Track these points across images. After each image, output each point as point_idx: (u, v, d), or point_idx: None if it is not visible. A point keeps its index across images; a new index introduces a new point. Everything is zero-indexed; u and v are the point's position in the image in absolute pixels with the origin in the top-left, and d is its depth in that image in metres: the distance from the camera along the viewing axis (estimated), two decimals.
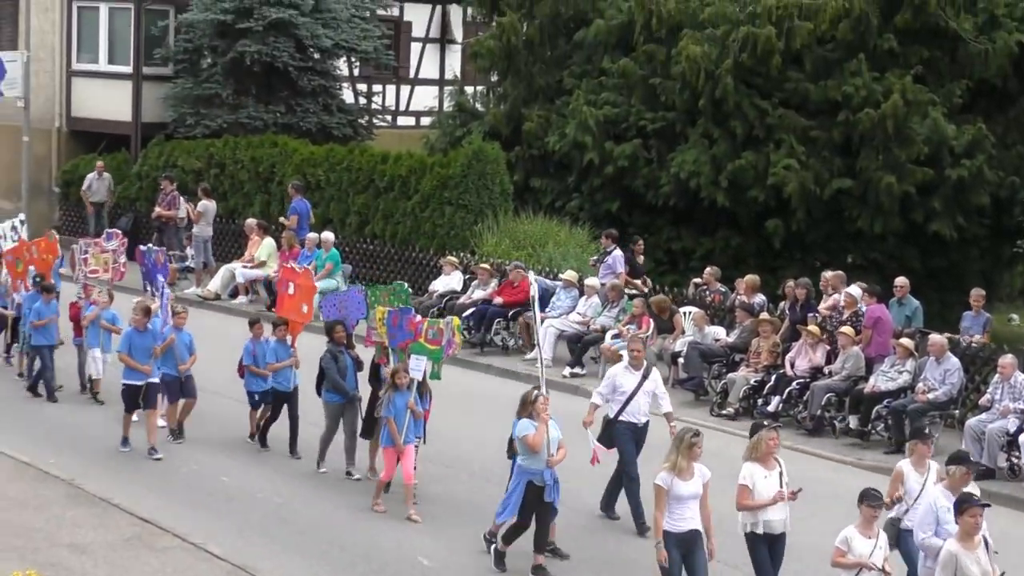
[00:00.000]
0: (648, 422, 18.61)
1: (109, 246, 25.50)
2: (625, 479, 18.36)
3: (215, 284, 33.79)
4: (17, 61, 40.17)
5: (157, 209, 36.26)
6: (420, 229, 33.53)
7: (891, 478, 15.91)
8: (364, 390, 20.23)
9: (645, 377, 18.53)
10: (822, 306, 25.57)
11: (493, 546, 16.96)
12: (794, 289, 25.77)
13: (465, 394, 24.71)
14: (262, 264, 33.12)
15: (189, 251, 35.20)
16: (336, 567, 16.82)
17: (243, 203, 37.26)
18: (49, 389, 24.18)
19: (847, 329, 23.86)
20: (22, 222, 28.46)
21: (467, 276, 30.61)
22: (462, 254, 31.70)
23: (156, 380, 21.22)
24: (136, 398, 21.01)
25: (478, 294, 29.53)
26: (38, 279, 25.20)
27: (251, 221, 34.46)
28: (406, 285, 21.77)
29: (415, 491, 18.64)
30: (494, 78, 40.06)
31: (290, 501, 19.12)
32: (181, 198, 35.91)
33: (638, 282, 29.88)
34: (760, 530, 14.90)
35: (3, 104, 41.12)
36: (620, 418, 18.41)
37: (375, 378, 19.94)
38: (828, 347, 24.24)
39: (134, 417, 21.32)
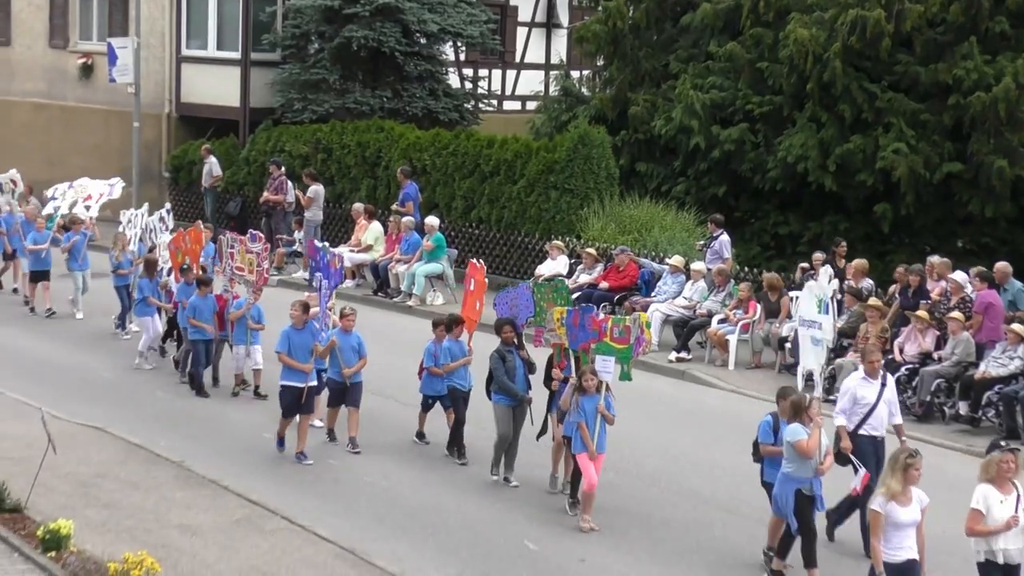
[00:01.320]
0: (884, 439, 17.30)
1: (253, 247, 24.55)
2: (862, 500, 16.60)
3: None
4: (128, 48, 40.61)
5: (265, 194, 36.56)
6: (526, 213, 33.53)
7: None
8: (541, 392, 19.45)
9: (884, 385, 17.41)
10: (931, 292, 25.30)
11: (771, 559, 16.45)
12: (907, 275, 25.50)
13: None
14: (369, 248, 33.32)
15: (297, 235, 35.40)
16: (442, 550, 16.88)
17: (350, 188, 37.46)
18: (198, 383, 23.75)
19: (957, 314, 23.59)
20: (168, 212, 28.57)
21: (573, 260, 30.59)
22: (568, 238, 31.66)
23: (315, 383, 20.49)
24: (296, 401, 20.14)
25: (584, 278, 29.52)
26: (183, 268, 25.20)
27: (358, 205, 34.63)
28: (565, 281, 21.49)
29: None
30: (600, 62, 39.98)
31: (396, 484, 19.20)
32: (289, 183, 36.16)
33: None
34: (1000, 559, 13.81)
35: (114, 90, 41.64)
36: (860, 432, 17.19)
37: (551, 379, 19.17)
38: (937, 333, 23.99)
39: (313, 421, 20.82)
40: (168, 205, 29.41)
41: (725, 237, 29.92)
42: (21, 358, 26.13)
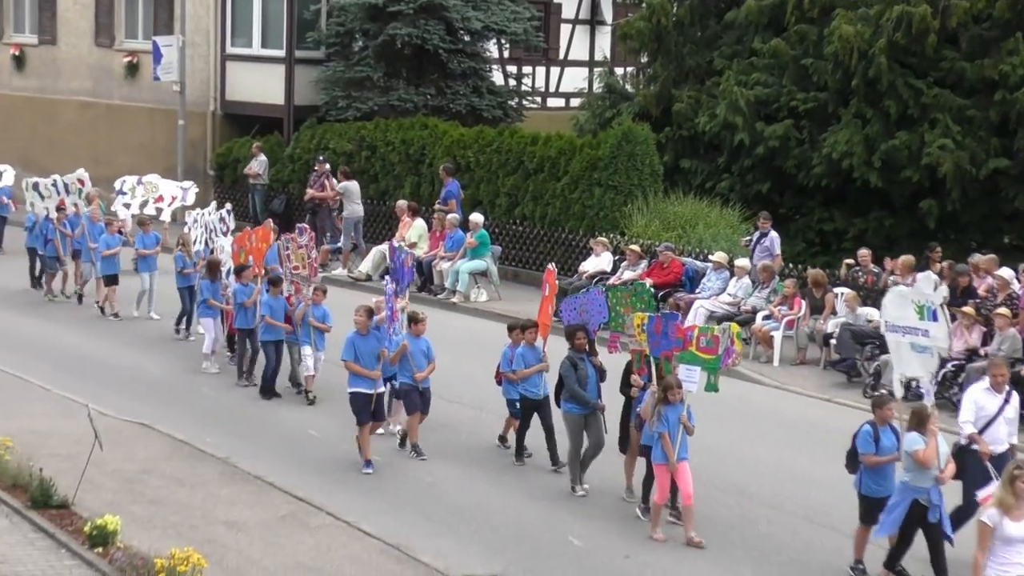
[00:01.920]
0: (1007, 452, 16.58)
1: (301, 240, 24.45)
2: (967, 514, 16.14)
3: (366, 265, 34.10)
4: (173, 46, 40.79)
5: (310, 191, 36.67)
6: (569, 210, 33.51)
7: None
8: (615, 400, 18.93)
9: (1007, 401, 16.78)
10: (978, 288, 25.18)
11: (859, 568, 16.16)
12: (952, 273, 25.36)
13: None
14: (413, 245, 33.34)
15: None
16: (487, 547, 16.89)
17: (393, 185, 37.52)
18: (266, 386, 23.42)
19: (1004, 310, 23.45)
20: (229, 212, 28.41)
21: (616, 257, 30.57)
22: (612, 235, 31.64)
23: (383, 389, 20.12)
24: (367, 407, 19.60)
25: (627, 275, 29.47)
26: (238, 268, 24.83)
27: (402, 203, 34.68)
28: (647, 284, 21.14)
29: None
30: (644, 59, 39.91)
31: (441, 481, 19.22)
32: (333, 179, 36.25)
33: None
34: None
35: (159, 88, 41.82)
36: (973, 445, 16.62)
37: (628, 386, 18.62)
38: (984, 329, 23.87)
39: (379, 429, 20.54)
40: (229, 205, 29.15)
41: (774, 234, 29.84)
42: (69, 355, 26.29)
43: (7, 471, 17.55)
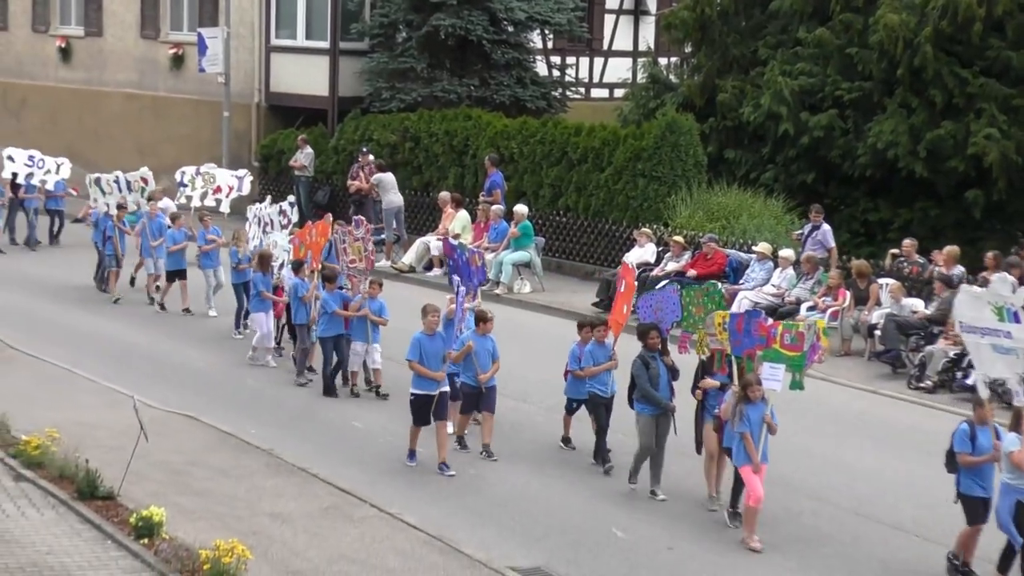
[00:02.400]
0: None
1: (357, 233, 24.23)
2: None
3: (410, 257, 34.15)
4: (218, 38, 40.91)
5: (353, 183, 36.76)
6: (613, 201, 33.47)
7: None
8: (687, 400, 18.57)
9: None
10: None
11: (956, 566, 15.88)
12: (1006, 266, 25.19)
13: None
14: (457, 237, 33.35)
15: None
16: (529, 538, 16.92)
17: (437, 176, 37.55)
18: (327, 384, 23.11)
19: None
20: (292, 204, 28.31)
21: (660, 248, 30.52)
22: (655, 226, 31.59)
23: (447, 389, 19.60)
24: (427, 410, 19.27)
25: (671, 266, 29.44)
26: (295, 264, 24.57)
27: (444, 194, 34.72)
28: (719, 285, 20.79)
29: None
30: (688, 49, 39.80)
31: (484, 472, 19.25)
32: (362, 169, 36.34)
33: None
34: None
35: (204, 80, 41.96)
36: None
37: (698, 386, 18.24)
38: None
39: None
40: (291, 198, 29.02)
41: (827, 226, 29.70)
42: (115, 347, 26.41)
43: (54, 462, 17.67)
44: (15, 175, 37.02)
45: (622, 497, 18.40)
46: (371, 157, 36.80)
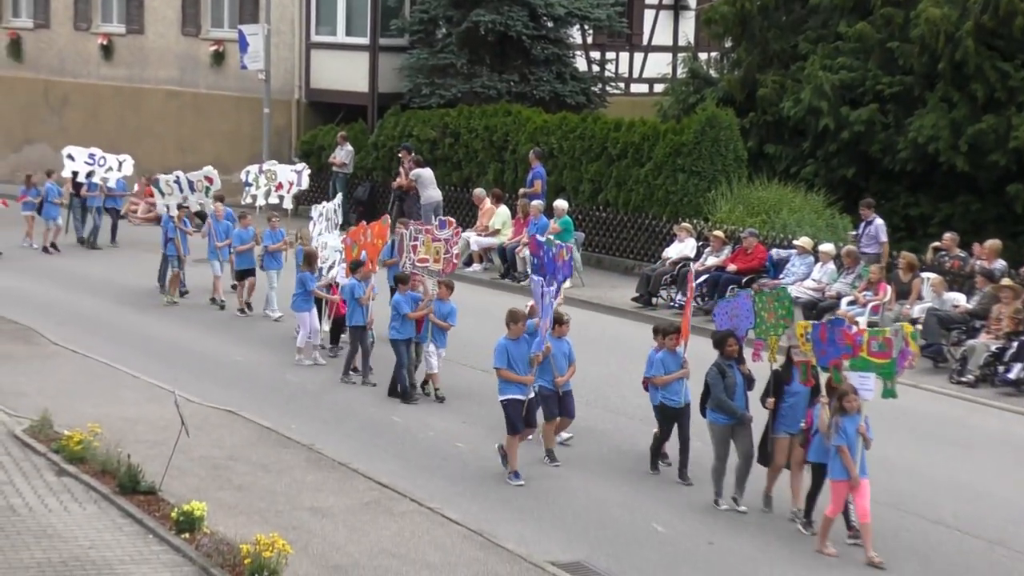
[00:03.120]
0: None
1: (441, 235, 23.93)
2: None
3: None
4: (259, 34, 41.04)
5: (397, 180, 36.87)
6: (653, 196, 33.44)
7: None
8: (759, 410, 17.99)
9: None
10: None
11: None
12: None
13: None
14: (496, 232, 33.41)
15: (435, 220, 35.42)
16: (569, 532, 16.93)
17: (477, 172, 37.60)
18: (403, 388, 22.50)
19: None
20: (339, 205, 28.04)
21: (700, 243, 30.48)
22: (695, 221, 31.56)
23: (533, 395, 19.08)
24: (521, 414, 18.73)
25: (711, 261, 29.40)
26: (353, 264, 24.02)
27: (479, 191, 34.74)
28: (788, 290, 20.51)
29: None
30: (728, 44, 39.78)
31: (523, 467, 19.14)
32: (402, 165, 36.45)
33: None
34: None
35: (245, 77, 42.11)
36: None
37: (771, 395, 17.58)
38: None
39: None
40: (340, 196, 28.81)
41: (880, 221, 29.54)
42: (160, 344, 26.49)
43: (96, 457, 17.77)
44: (75, 174, 37.02)
45: (661, 492, 18.38)
46: (412, 154, 36.80)
